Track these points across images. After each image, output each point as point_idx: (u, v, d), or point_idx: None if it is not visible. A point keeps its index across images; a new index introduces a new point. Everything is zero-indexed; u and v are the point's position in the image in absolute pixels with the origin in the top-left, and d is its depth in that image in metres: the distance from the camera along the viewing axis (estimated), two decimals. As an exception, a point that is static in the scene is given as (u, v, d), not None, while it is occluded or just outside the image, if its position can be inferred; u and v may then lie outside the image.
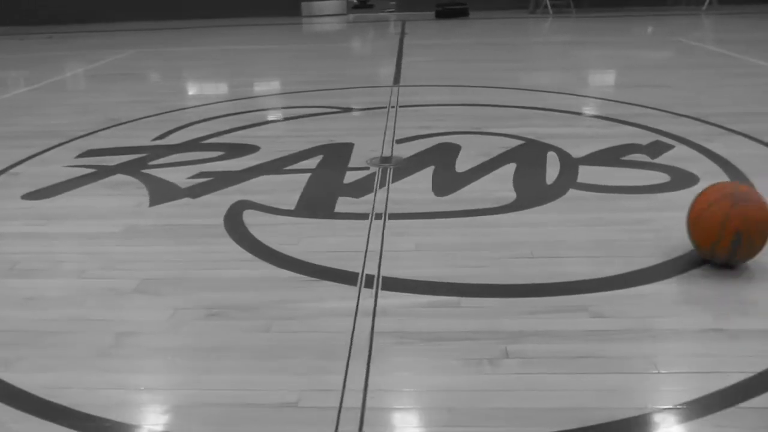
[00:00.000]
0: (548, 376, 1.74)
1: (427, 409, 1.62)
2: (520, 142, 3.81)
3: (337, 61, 7.62)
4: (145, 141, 4.06)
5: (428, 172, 3.36)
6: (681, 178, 3.14)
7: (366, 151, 3.72)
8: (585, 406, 1.62)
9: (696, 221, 2.29)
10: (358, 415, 1.59)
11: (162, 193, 3.16)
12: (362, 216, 2.81)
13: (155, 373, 1.81)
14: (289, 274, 2.33)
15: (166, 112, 4.80)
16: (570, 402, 1.64)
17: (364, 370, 1.77)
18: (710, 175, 3.16)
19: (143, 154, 3.77)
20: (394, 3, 14.25)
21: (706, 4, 11.57)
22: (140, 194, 3.16)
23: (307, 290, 2.21)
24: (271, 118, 4.60)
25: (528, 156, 3.55)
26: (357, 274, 2.30)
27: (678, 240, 2.48)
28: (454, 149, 3.71)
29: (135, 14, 12.84)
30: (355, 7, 14.24)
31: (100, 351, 1.92)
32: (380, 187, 3.13)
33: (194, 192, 3.16)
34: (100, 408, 1.67)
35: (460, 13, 12.39)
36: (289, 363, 1.82)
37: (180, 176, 3.38)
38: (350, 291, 2.19)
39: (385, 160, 3.56)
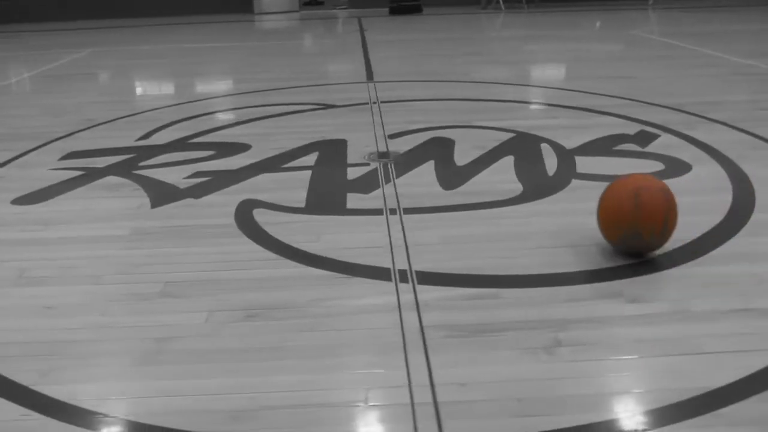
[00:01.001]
0: (604, 361, 1.78)
1: (497, 401, 1.63)
2: (511, 134, 3.86)
3: (303, 57, 7.54)
4: (129, 141, 3.92)
5: (429, 166, 3.37)
6: (674, 166, 3.26)
7: (360, 146, 3.71)
8: (649, 389, 1.67)
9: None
10: (433, 410, 1.59)
11: (162, 194, 3.06)
12: (376, 211, 2.80)
13: (210, 378, 1.75)
14: (319, 272, 2.30)
15: (141, 112, 4.66)
16: (633, 386, 1.68)
17: (425, 365, 1.77)
18: (700, 162, 3.30)
19: (131, 155, 3.64)
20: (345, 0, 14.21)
21: (651, -2, 12.00)
22: (138, 196, 3.06)
23: (341, 287, 2.19)
24: (253, 116, 4.51)
25: (523, 148, 3.60)
26: (388, 269, 2.29)
27: (687, 224, 2.58)
28: (449, 143, 3.74)
29: (79, 13, 12.36)
30: (306, 4, 14.12)
31: (143, 358, 1.85)
32: (386, 183, 3.13)
33: (195, 192, 3.08)
34: (160, 417, 1.61)
35: (414, 9, 12.46)
36: (345, 361, 1.80)
37: (176, 176, 3.28)
38: (386, 286, 2.19)
39: (382, 155, 3.55)
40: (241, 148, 3.74)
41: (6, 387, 1.74)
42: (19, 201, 3.06)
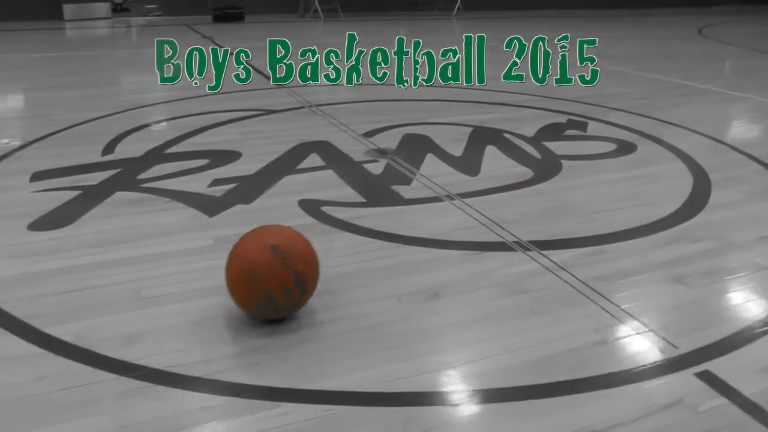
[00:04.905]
0: (719, 283, 2.29)
1: (687, 320, 2.05)
2: (470, 128, 4.30)
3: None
4: (95, 157, 3.59)
5: (432, 158, 3.66)
6: (623, 145, 3.97)
7: (347, 146, 3.85)
8: (761, 297, 2.21)
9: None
10: (655, 336, 1.95)
11: (206, 203, 2.95)
12: (434, 199, 3.04)
13: (465, 347, 1.90)
14: (448, 252, 2.50)
15: (69, 127, 4.20)
16: (749, 296, 2.21)
17: (616, 307, 2.12)
18: (640, 141, 4.05)
19: (116, 170, 3.37)
20: (154, 7, 13.54)
21: (455, 9, 13.32)
22: (178, 208, 2.91)
23: (484, 261, 2.43)
24: (206, 123, 4.34)
25: (493, 138, 4.06)
26: (504, 242, 2.58)
27: (678, 186, 3.26)
28: (426, 138, 4.05)
29: None
30: (114, 11, 13.16)
31: (375, 344, 1.92)
32: (413, 174, 3.36)
33: (239, 197, 3.02)
34: (475, 380, 1.74)
35: (238, 17, 12.35)
36: (552, 316, 2.07)
37: (198, 186, 3.16)
38: (518, 256, 2.48)
39: (381, 152, 3.76)
40: (233, 154, 3.67)
41: (285, 394, 1.71)
42: (36, 227, 2.71)
